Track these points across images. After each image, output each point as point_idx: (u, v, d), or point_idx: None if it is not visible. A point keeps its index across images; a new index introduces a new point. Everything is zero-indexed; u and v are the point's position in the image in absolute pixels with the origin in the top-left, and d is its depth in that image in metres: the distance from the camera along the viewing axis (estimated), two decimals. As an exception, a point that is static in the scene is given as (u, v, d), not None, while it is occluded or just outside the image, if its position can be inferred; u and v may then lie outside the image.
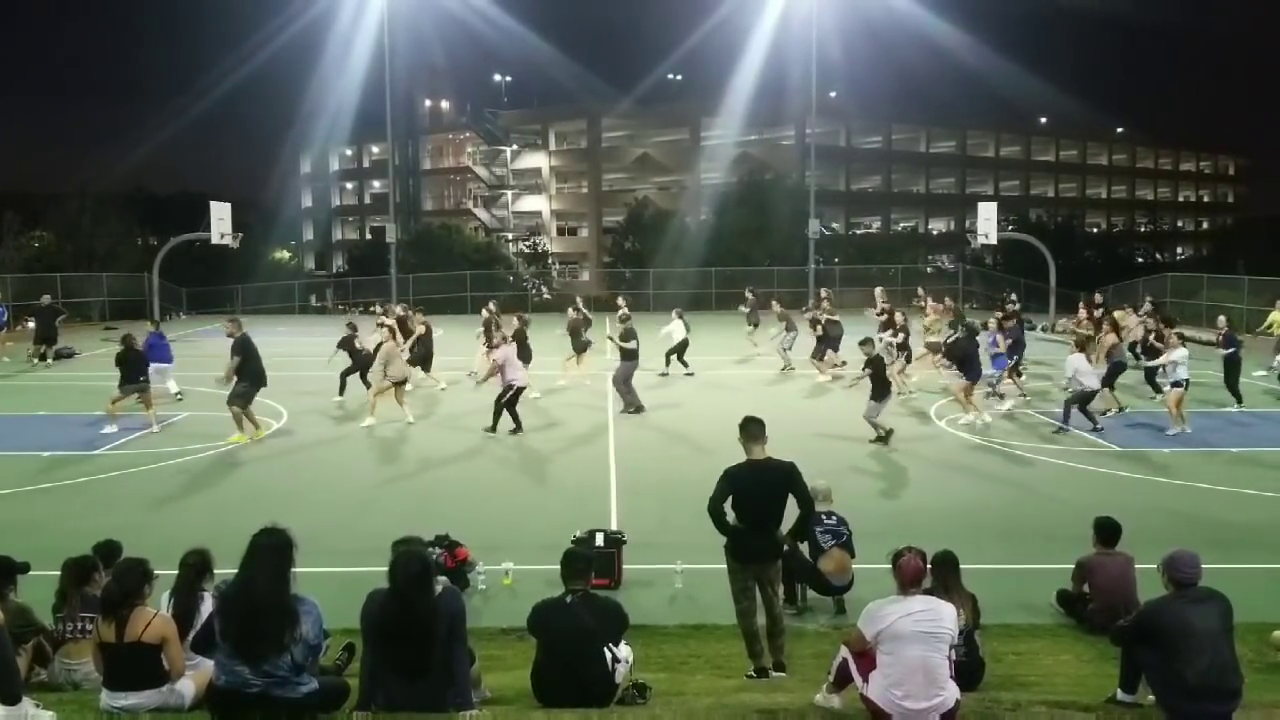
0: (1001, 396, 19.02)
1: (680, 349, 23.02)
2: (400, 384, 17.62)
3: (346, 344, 20.40)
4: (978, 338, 18.43)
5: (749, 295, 28.00)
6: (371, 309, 30.36)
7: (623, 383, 18.74)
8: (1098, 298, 25.47)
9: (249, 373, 16.19)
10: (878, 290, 25.99)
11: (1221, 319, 20.12)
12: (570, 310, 23.97)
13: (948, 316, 22.19)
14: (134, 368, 16.97)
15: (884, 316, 22.69)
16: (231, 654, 5.18)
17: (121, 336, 17.65)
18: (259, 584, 5.16)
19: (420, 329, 21.40)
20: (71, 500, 13.00)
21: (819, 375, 22.40)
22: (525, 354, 19.03)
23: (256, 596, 5.13)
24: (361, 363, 19.59)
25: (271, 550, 5.23)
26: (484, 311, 23.11)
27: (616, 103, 69.01)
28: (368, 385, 19.30)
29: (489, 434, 16.51)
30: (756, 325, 26.57)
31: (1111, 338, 19.05)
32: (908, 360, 21.07)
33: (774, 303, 25.69)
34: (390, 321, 20.01)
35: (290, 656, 5.15)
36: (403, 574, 5.40)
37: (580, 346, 21.91)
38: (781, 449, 7.68)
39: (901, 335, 21.14)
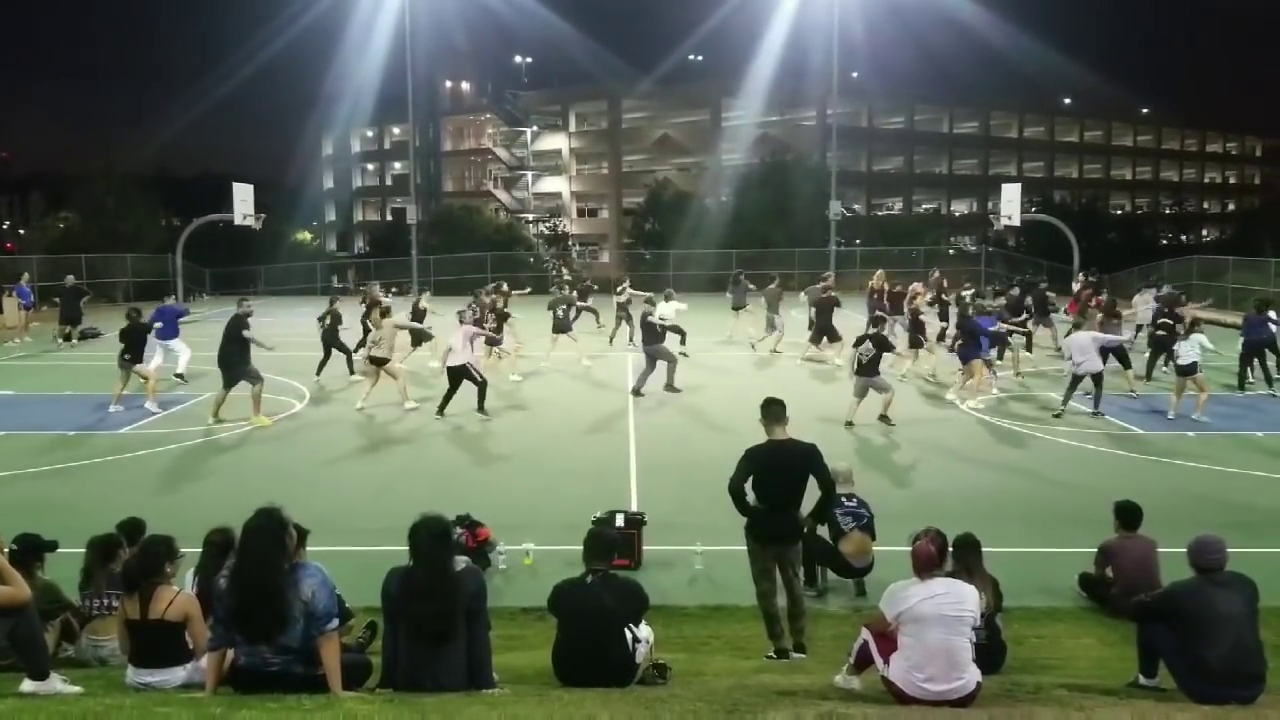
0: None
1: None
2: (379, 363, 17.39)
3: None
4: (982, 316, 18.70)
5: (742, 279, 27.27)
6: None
7: (648, 360, 18.70)
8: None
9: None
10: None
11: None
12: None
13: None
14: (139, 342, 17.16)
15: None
16: (242, 637, 5.25)
17: (127, 311, 17.86)
18: (250, 568, 5.18)
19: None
20: (97, 479, 13.12)
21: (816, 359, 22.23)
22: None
23: (249, 580, 5.15)
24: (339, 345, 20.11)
25: (262, 532, 5.22)
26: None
27: (637, 83, 68.69)
28: (351, 370, 19.77)
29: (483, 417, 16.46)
30: (741, 308, 26.18)
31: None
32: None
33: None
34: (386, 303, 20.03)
35: (300, 629, 5.17)
36: (425, 532, 5.47)
37: (559, 326, 21.92)
38: (802, 431, 7.66)
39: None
